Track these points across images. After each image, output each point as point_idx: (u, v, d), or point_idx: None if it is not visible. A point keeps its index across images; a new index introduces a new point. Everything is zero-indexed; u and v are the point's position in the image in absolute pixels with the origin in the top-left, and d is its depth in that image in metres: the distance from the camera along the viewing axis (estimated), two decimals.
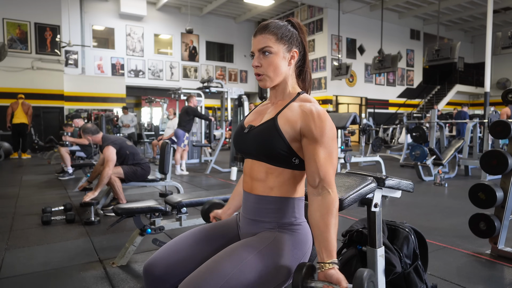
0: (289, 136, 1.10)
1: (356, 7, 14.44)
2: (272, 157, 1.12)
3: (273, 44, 1.14)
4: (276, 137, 1.10)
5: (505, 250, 2.52)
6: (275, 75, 1.17)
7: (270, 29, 1.15)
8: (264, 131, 1.14)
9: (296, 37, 1.19)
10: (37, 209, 3.85)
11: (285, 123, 1.12)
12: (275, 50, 1.14)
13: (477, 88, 18.88)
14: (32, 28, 11.15)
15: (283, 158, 1.11)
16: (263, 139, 1.13)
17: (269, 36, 1.14)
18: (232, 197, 1.44)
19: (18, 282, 2.16)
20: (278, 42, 1.15)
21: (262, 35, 1.15)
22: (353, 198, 1.29)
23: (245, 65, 17.36)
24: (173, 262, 1.16)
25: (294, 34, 1.19)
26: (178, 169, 6.55)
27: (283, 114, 1.14)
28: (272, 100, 1.25)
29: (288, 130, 1.11)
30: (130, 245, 2.42)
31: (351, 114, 5.35)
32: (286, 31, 1.17)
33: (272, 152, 1.11)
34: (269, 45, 1.14)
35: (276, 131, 1.11)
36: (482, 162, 2.68)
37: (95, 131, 3.81)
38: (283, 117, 1.13)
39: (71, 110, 12.04)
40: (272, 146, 1.11)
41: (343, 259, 1.48)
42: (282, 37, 1.15)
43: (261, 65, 1.16)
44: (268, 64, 1.15)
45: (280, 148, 1.10)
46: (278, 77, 1.18)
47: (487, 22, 10.06)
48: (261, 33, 1.16)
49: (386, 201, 4.19)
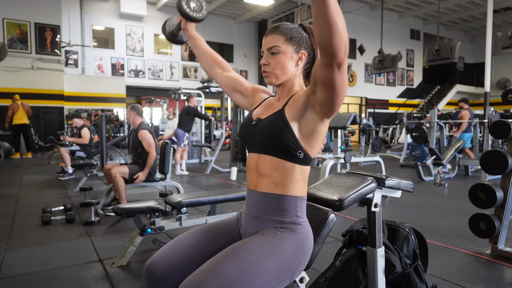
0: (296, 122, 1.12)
1: (356, 7, 14.44)
2: (278, 149, 1.14)
3: (282, 44, 1.19)
4: (284, 128, 1.12)
5: (505, 250, 2.52)
6: (281, 73, 1.20)
7: (280, 30, 1.20)
8: (272, 122, 1.16)
9: (306, 40, 1.23)
10: (37, 209, 3.85)
11: (291, 111, 1.14)
12: (283, 50, 1.19)
13: (477, 88, 18.89)
14: (32, 28, 11.15)
15: (289, 150, 1.13)
16: (270, 131, 1.15)
17: (278, 36, 1.19)
18: (203, 42, 1.51)
19: (18, 282, 2.16)
20: (287, 43, 1.19)
21: (272, 35, 1.20)
22: (353, 198, 1.29)
23: (245, 65, 17.36)
24: (173, 262, 1.16)
25: (304, 37, 1.22)
26: (178, 169, 6.55)
27: (289, 104, 1.17)
28: (277, 98, 1.28)
29: (294, 116, 1.13)
30: (130, 245, 2.42)
31: (351, 114, 5.35)
32: (296, 33, 1.21)
33: (279, 144, 1.13)
34: (278, 45, 1.19)
35: (283, 122, 1.13)
36: (482, 162, 2.68)
37: (140, 113, 4.08)
38: (289, 107, 1.16)
39: (71, 110, 12.04)
40: (279, 137, 1.13)
41: (343, 259, 1.48)
42: (292, 38, 1.19)
43: (269, 63, 1.21)
44: (275, 62, 1.20)
45: (287, 139, 1.12)
46: (284, 76, 1.21)
47: (487, 22, 10.06)
48: (272, 33, 1.21)
49: (386, 201, 4.20)
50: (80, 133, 6.18)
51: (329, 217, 1.31)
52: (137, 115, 4.04)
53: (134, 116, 4.04)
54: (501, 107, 11.44)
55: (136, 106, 4.11)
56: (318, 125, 1.12)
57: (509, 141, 2.66)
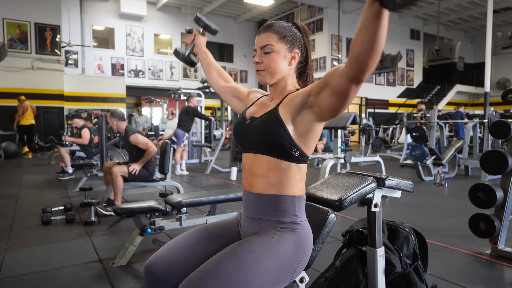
0: (291, 121, 1.11)
1: (356, 7, 14.44)
2: (273, 147, 1.13)
3: (275, 42, 1.17)
4: (278, 127, 1.11)
5: (505, 250, 2.52)
6: (275, 72, 1.19)
7: (274, 28, 1.19)
8: (266, 121, 1.15)
9: (299, 39, 1.22)
10: (37, 209, 3.85)
11: (285, 110, 1.13)
12: (277, 49, 1.17)
13: (477, 88, 18.89)
14: (32, 28, 11.15)
15: (284, 149, 1.12)
16: (264, 129, 1.14)
17: (272, 34, 1.18)
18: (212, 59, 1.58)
19: (18, 282, 2.16)
20: (280, 41, 1.18)
21: (266, 33, 1.19)
22: (353, 198, 1.29)
23: (245, 65, 17.36)
24: (173, 262, 1.16)
25: (297, 36, 1.21)
26: (178, 169, 6.55)
27: (283, 103, 1.16)
28: (271, 98, 1.27)
29: (289, 115, 1.12)
30: (130, 245, 2.42)
31: (351, 114, 5.35)
32: (289, 32, 1.20)
33: (274, 142, 1.12)
34: (271, 43, 1.17)
35: (277, 120, 1.12)
36: (482, 162, 2.68)
37: (122, 118, 3.98)
38: (283, 106, 1.15)
39: (71, 110, 12.04)
40: (273, 135, 1.12)
41: (343, 259, 1.48)
42: (285, 37, 1.18)
43: (262, 61, 1.19)
44: (269, 61, 1.18)
45: (281, 138, 1.11)
46: (277, 75, 1.20)
47: (487, 22, 10.06)
48: (265, 31, 1.19)
49: (386, 201, 4.20)
50: (81, 134, 6.18)
51: (329, 217, 1.31)
52: (119, 120, 3.94)
53: (116, 123, 3.94)
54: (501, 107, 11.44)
55: (115, 112, 3.99)
56: (313, 125, 1.12)
57: (509, 141, 2.66)
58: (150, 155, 3.80)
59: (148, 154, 3.79)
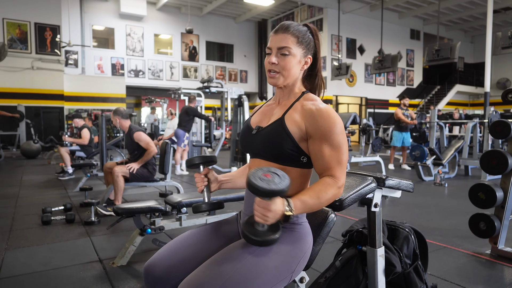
0: (297, 136, 1.13)
1: (356, 7, 14.43)
2: (281, 157, 1.14)
3: (294, 46, 1.16)
4: (285, 138, 1.12)
5: (505, 250, 2.52)
6: (288, 76, 1.18)
7: (293, 31, 1.17)
8: (273, 132, 1.15)
9: (313, 45, 1.22)
10: (37, 209, 3.85)
11: (292, 124, 1.14)
12: (294, 52, 1.16)
13: (477, 88, 18.88)
14: (32, 28, 11.15)
15: (292, 157, 1.13)
16: (272, 140, 1.14)
17: (291, 37, 1.16)
18: (238, 175, 1.39)
19: (18, 282, 2.16)
20: (297, 45, 1.17)
21: (284, 34, 1.16)
22: (353, 198, 1.29)
23: (245, 65, 17.34)
24: (173, 262, 1.16)
25: (311, 41, 1.21)
26: (178, 169, 6.55)
27: (289, 114, 1.16)
28: (277, 100, 1.26)
29: (296, 131, 1.13)
30: (130, 245, 2.41)
31: (351, 114, 5.36)
32: (306, 37, 1.19)
33: (282, 153, 1.13)
34: (290, 46, 1.15)
35: (284, 131, 1.13)
36: (482, 162, 2.68)
37: (125, 116, 3.96)
38: (290, 118, 1.15)
39: (71, 110, 12.04)
40: (281, 146, 1.12)
41: (343, 259, 1.48)
42: (302, 41, 1.18)
43: (278, 63, 1.17)
44: (285, 64, 1.16)
45: (289, 148, 1.12)
46: (290, 78, 1.19)
47: (487, 22, 10.05)
48: (284, 32, 1.16)
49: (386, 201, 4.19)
50: (80, 134, 6.18)
51: (329, 217, 1.31)
52: (122, 118, 3.93)
53: (120, 121, 3.92)
54: (501, 107, 11.45)
55: (119, 110, 3.97)
56: None
57: (509, 141, 2.66)
58: (149, 155, 3.80)
59: (148, 154, 3.79)
